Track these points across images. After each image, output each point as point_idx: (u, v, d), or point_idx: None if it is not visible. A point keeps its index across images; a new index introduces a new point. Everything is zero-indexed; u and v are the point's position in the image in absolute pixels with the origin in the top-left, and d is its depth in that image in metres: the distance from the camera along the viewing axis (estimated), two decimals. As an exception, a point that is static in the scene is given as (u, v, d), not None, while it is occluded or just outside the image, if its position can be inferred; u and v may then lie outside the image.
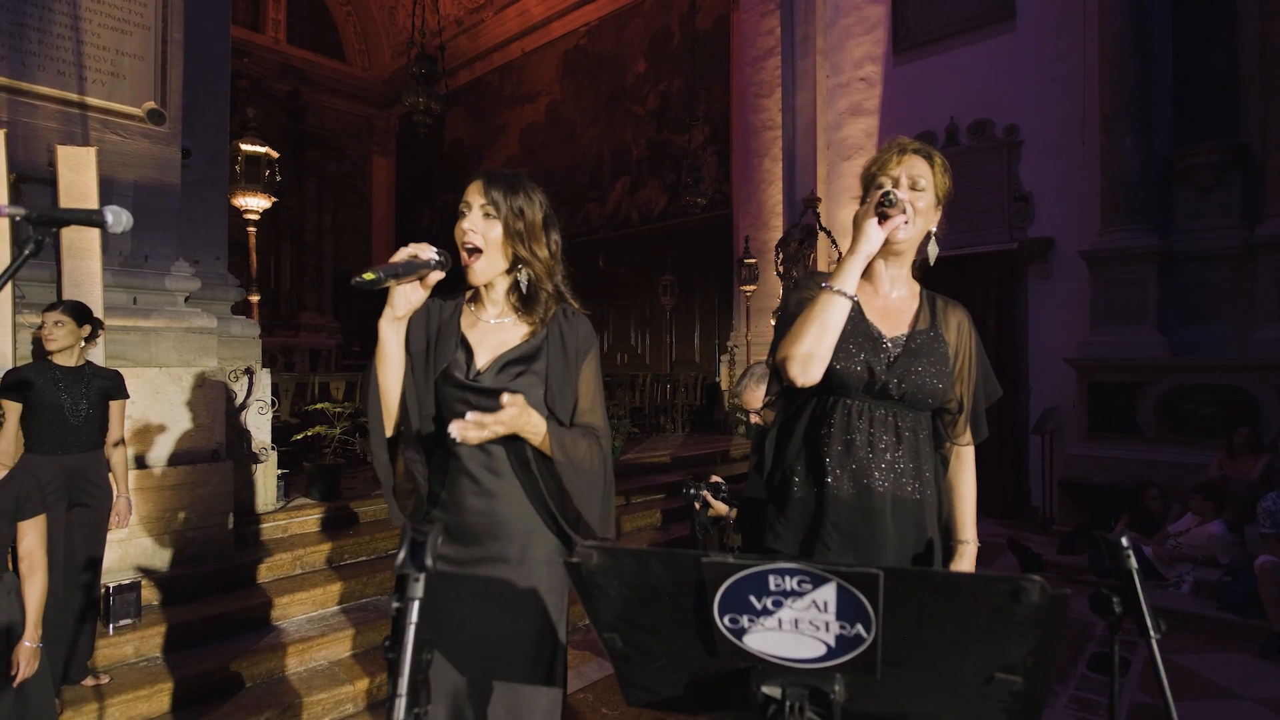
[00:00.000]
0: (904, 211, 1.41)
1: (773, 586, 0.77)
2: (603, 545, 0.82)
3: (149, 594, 3.33)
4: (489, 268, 1.44)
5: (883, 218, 1.38)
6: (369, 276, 1.21)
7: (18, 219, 1.07)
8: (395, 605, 0.84)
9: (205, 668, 3.00)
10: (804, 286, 1.51)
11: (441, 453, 1.44)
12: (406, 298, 1.32)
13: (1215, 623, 4.15)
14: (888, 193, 1.36)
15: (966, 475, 1.57)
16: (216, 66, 4.65)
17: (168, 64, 3.92)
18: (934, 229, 1.52)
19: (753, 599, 0.78)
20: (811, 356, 1.37)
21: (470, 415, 1.26)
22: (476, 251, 1.42)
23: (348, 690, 3.08)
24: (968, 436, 1.55)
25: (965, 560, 1.54)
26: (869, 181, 1.51)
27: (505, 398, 1.27)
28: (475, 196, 1.43)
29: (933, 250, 1.54)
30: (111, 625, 3.07)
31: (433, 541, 0.86)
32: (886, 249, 1.45)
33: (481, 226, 1.42)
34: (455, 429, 1.24)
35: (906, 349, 1.47)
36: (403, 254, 1.30)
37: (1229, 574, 4.35)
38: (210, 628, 3.27)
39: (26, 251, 1.05)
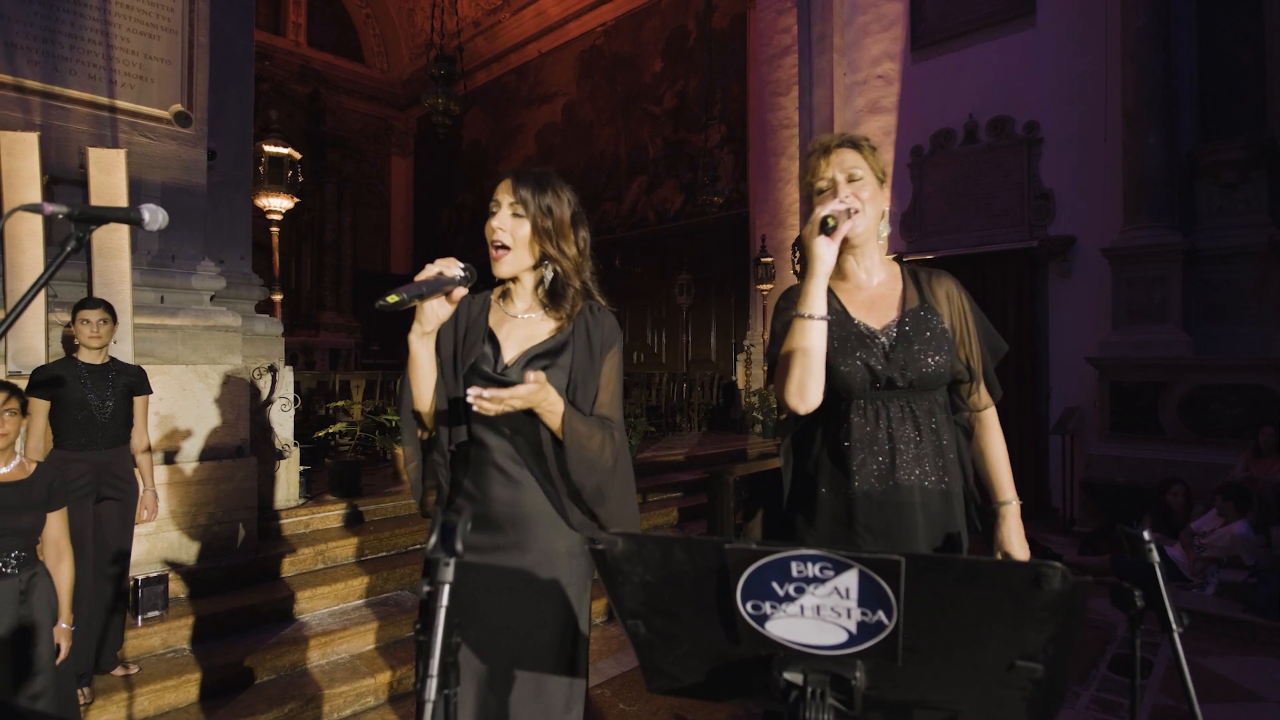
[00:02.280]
0: (849, 216, 1.39)
1: (795, 573, 0.78)
2: (627, 532, 0.83)
3: (175, 587, 3.40)
4: (516, 263, 1.47)
5: (829, 233, 1.35)
6: (393, 299, 1.20)
7: (59, 217, 1.11)
8: (426, 589, 0.86)
9: (230, 659, 3.05)
10: (783, 310, 1.50)
11: (470, 445, 1.47)
12: (434, 313, 1.34)
13: (1240, 625, 4.09)
14: (826, 219, 1.34)
15: (994, 438, 1.56)
16: (240, 69, 4.73)
17: (194, 67, 3.99)
18: (886, 207, 1.52)
19: (775, 585, 0.79)
20: (804, 388, 1.37)
21: (489, 391, 1.26)
22: (504, 248, 1.45)
23: (369, 683, 3.12)
24: (986, 399, 1.54)
25: (1010, 519, 1.53)
26: (808, 191, 1.51)
27: (529, 374, 1.28)
28: (504, 195, 1.45)
29: (884, 230, 1.53)
30: (140, 617, 3.13)
31: (463, 527, 0.88)
32: (847, 245, 1.45)
33: (510, 225, 1.44)
34: (472, 394, 1.25)
35: (901, 334, 1.46)
36: (429, 271, 1.31)
37: (1254, 575, 4.29)
38: (235, 621, 3.33)
39: (69, 248, 1.08)
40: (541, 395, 1.32)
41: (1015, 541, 1.53)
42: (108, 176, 3.44)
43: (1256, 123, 5.80)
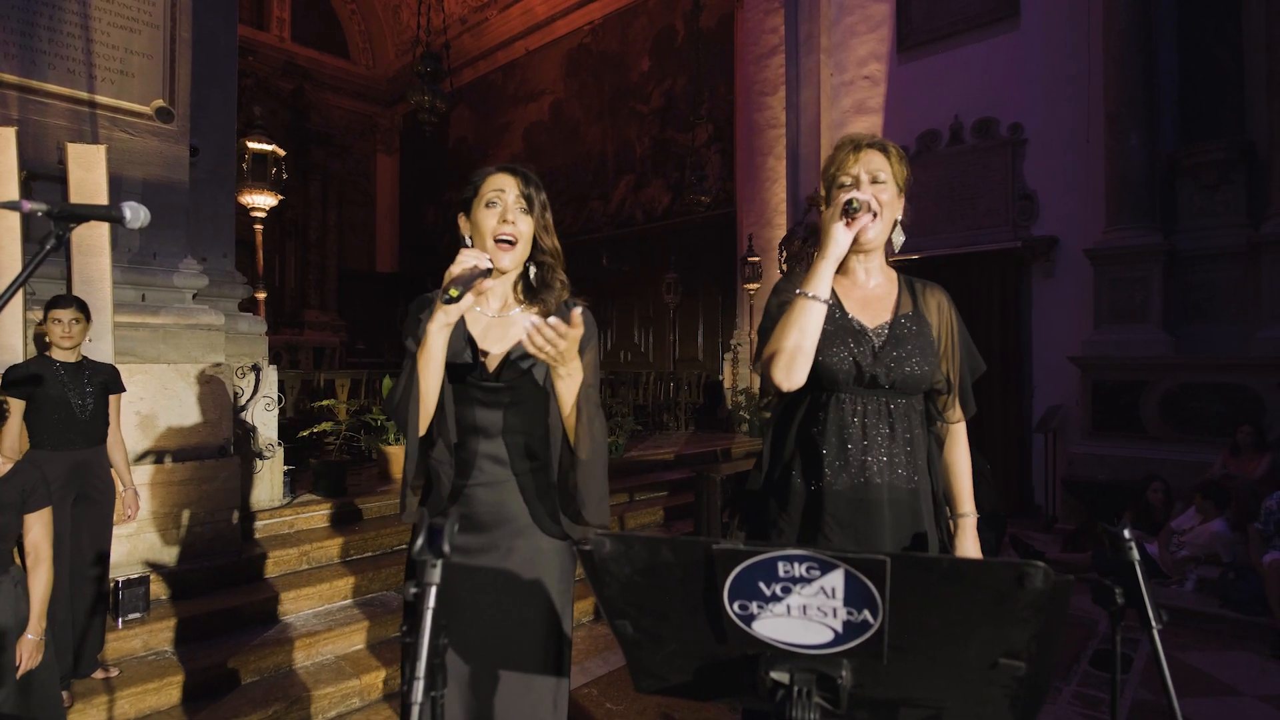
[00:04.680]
0: (870, 212, 1.42)
1: (782, 573, 0.78)
2: (614, 533, 0.83)
3: (157, 588, 3.36)
4: (519, 256, 1.47)
5: (849, 219, 1.39)
6: (455, 293, 1.24)
7: (39, 214, 1.09)
8: (413, 591, 0.85)
9: (213, 661, 3.02)
10: (782, 291, 1.54)
11: (457, 447, 1.46)
12: (460, 305, 1.35)
13: (1219, 620, 4.15)
14: (850, 201, 1.38)
15: (960, 452, 1.61)
16: (224, 65, 4.68)
17: (176, 62, 3.94)
18: (900, 217, 1.54)
19: (762, 585, 0.79)
20: (793, 362, 1.40)
21: (553, 319, 1.23)
22: (512, 243, 1.44)
23: (354, 684, 3.10)
24: (959, 413, 1.58)
25: (967, 531, 1.58)
26: (830, 182, 1.53)
27: (576, 312, 1.27)
28: (510, 188, 1.45)
29: (898, 239, 1.56)
30: (120, 619, 3.09)
31: (449, 529, 0.88)
32: (857, 246, 1.48)
33: (519, 220, 1.45)
34: (534, 322, 1.22)
35: (891, 337, 1.49)
36: (465, 263, 1.30)
37: (1232, 572, 4.36)
38: (218, 622, 3.30)
39: (49, 246, 1.06)
40: (574, 353, 1.31)
41: (971, 552, 1.59)
42: (87, 173, 3.39)
43: (1236, 125, 5.89)
